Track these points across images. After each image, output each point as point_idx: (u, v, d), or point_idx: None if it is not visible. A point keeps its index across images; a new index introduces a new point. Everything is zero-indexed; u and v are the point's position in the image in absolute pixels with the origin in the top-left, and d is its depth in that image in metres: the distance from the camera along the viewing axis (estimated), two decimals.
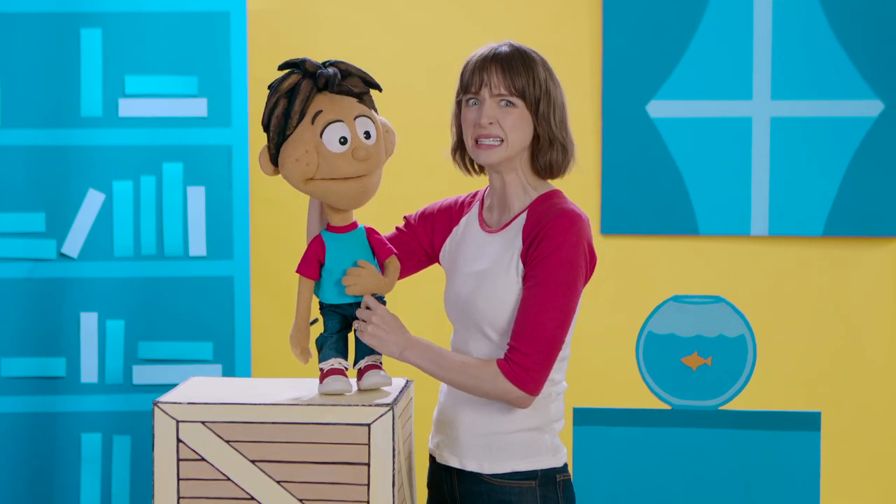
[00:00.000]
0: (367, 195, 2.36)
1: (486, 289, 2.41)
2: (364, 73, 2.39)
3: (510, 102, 2.39)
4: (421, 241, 2.59)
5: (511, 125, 2.39)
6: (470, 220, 2.54)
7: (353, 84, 2.36)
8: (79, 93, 3.51)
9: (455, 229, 2.55)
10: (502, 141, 2.40)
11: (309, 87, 2.31)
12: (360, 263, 2.36)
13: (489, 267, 2.42)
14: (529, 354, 2.32)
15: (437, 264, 2.63)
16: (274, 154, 2.33)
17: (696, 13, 3.69)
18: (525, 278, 2.37)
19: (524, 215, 2.44)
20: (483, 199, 2.55)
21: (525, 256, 2.38)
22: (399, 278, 2.54)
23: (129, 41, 3.52)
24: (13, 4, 3.49)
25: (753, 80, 3.69)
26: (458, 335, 2.49)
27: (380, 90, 2.40)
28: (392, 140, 2.41)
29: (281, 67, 2.35)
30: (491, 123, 2.39)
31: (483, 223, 2.50)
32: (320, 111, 2.30)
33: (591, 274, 2.43)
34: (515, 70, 2.39)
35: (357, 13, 3.78)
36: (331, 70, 2.32)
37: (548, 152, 2.43)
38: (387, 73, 3.74)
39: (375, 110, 2.41)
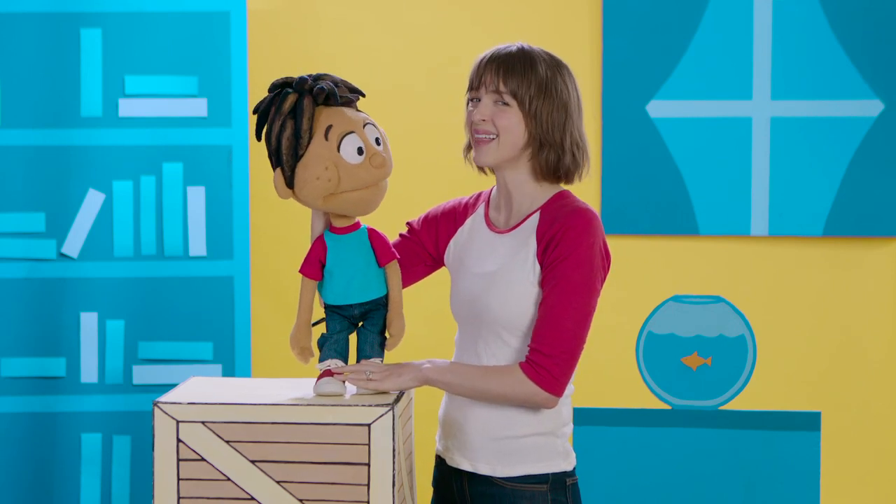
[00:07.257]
0: (380, 199, 2.36)
1: (500, 290, 2.39)
2: (346, 81, 2.37)
3: (505, 102, 2.38)
4: (426, 245, 2.57)
5: (504, 125, 2.38)
6: (476, 220, 2.52)
7: (342, 94, 2.35)
8: (79, 93, 3.51)
9: (460, 230, 2.54)
10: (495, 138, 2.38)
11: (311, 104, 2.29)
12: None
13: (500, 268, 2.41)
14: (552, 356, 2.32)
15: (443, 268, 2.63)
16: (289, 176, 2.32)
17: (696, 13, 3.69)
18: (544, 281, 2.36)
19: (536, 216, 2.42)
20: (488, 200, 2.53)
21: (542, 258, 2.37)
22: (407, 285, 2.53)
23: (129, 41, 3.52)
24: (13, 4, 3.49)
25: (753, 80, 3.69)
26: (465, 336, 2.48)
27: (363, 96, 2.38)
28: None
29: (272, 88, 2.31)
30: (484, 120, 2.38)
31: (490, 223, 2.49)
32: (331, 125, 2.29)
33: (607, 271, 2.43)
34: (511, 69, 2.36)
35: (357, 13, 3.78)
36: (326, 83, 2.31)
37: (542, 154, 2.40)
38: (387, 73, 3.77)
39: None
